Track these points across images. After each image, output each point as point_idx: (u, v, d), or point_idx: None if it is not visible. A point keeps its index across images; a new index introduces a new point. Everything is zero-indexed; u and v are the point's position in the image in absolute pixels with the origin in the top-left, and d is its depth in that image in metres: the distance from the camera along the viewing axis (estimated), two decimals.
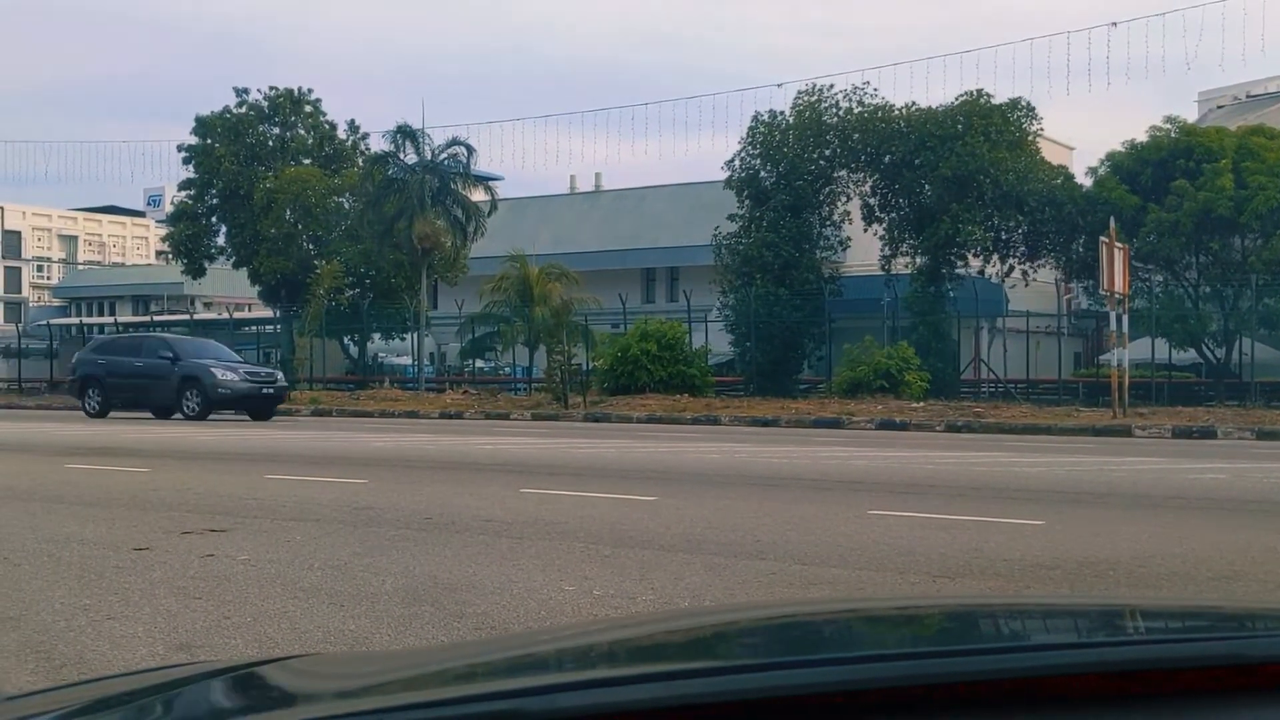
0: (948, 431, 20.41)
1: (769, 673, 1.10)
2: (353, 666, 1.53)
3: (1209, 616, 1.60)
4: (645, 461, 13.63)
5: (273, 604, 5.67)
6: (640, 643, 1.46)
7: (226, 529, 8.02)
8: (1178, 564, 6.56)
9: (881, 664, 1.14)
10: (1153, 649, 1.22)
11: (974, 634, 1.51)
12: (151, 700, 1.26)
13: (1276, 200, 26.86)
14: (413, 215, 33.91)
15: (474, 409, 26.51)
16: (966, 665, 1.09)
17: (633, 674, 1.19)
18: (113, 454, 14.81)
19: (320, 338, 37.14)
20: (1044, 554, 6.80)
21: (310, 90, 41.94)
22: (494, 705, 1.03)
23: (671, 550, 7.08)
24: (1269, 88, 48.56)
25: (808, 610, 1.88)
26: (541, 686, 1.09)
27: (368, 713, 1.06)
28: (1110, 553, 6.82)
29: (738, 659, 1.37)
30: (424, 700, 1.09)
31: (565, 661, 1.35)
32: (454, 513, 8.74)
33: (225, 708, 1.27)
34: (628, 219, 44.47)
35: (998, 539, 7.41)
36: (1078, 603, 2.32)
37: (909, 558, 6.82)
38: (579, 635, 1.70)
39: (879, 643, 1.48)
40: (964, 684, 1.05)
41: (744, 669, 1.15)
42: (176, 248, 42.93)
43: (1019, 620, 1.60)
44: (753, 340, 31.64)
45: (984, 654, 1.16)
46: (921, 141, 30.36)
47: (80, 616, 5.46)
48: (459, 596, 5.77)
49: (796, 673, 1.08)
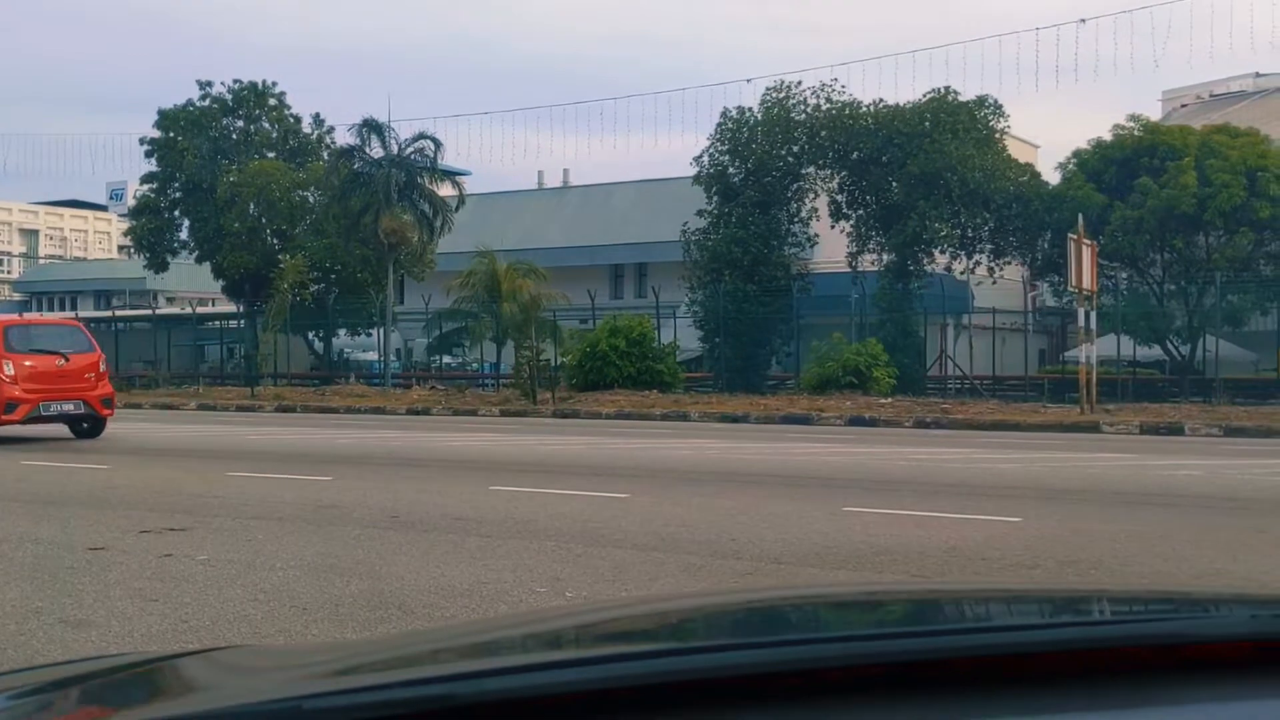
0: (916, 428, 20.38)
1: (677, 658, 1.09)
2: (276, 659, 1.49)
3: (1164, 600, 1.63)
4: (616, 458, 13.48)
5: (232, 607, 5.47)
6: (576, 630, 1.44)
7: (186, 528, 7.79)
8: (1159, 562, 6.48)
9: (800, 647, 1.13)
10: (1108, 629, 1.24)
11: (914, 618, 1.50)
12: (63, 691, 1.24)
13: (1240, 198, 27.03)
14: (379, 210, 33.51)
15: (441, 405, 26.25)
16: (911, 646, 1.09)
17: (560, 659, 1.17)
18: (73, 450, 14.49)
19: (285, 333, 36.67)
20: (1024, 553, 6.70)
21: (275, 83, 41.38)
22: (415, 691, 0.99)
23: (645, 549, 6.93)
24: (1231, 87, 48.97)
25: (754, 597, 1.92)
26: (469, 672, 1.07)
27: (279, 700, 1.02)
28: (1091, 551, 6.73)
29: (657, 643, 1.34)
30: (339, 688, 1.06)
31: (501, 648, 1.33)
32: (421, 511, 8.56)
33: (137, 698, 1.25)
34: (596, 215, 44.25)
35: (975, 537, 7.31)
36: (1018, 589, 2.31)
37: (886, 556, 6.70)
38: (518, 624, 1.69)
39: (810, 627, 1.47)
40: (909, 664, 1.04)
41: (651, 654, 1.14)
42: (139, 242, 42.24)
43: (971, 605, 1.60)
44: (721, 336, 31.54)
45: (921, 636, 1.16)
46: (889, 139, 30.33)
47: (31, 620, 5.25)
48: (427, 599, 5.59)
49: (726, 655, 1.08)
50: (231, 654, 1.48)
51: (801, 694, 1.01)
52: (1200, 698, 1.04)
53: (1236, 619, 1.27)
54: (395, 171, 34.00)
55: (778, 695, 1.00)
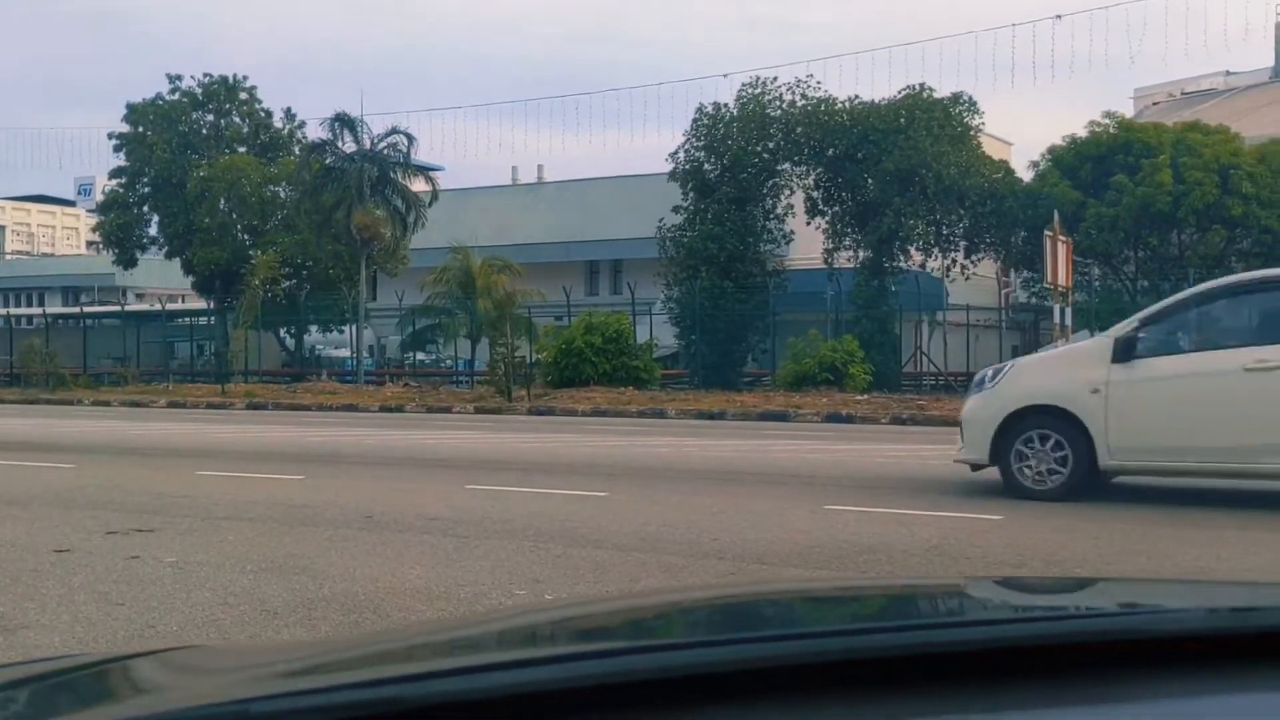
0: (893, 424, 20.36)
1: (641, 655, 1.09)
2: (229, 659, 1.48)
3: (1126, 595, 1.68)
4: (594, 456, 13.34)
5: (201, 611, 5.31)
6: (531, 630, 1.44)
7: (154, 529, 7.61)
8: (1143, 560, 6.42)
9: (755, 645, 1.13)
10: (1072, 624, 1.26)
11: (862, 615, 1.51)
12: (4, 694, 1.22)
13: (1213, 195, 27.17)
14: (351, 205, 33.22)
15: (415, 402, 26.04)
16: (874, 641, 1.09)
17: (508, 659, 1.16)
18: (37, 449, 14.24)
19: (256, 330, 36.29)
20: (1007, 551, 6.62)
21: (245, 78, 41.00)
22: (364, 694, 0.98)
23: (626, 550, 6.80)
24: (1202, 85, 49.25)
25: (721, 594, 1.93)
26: (419, 674, 1.06)
27: (227, 703, 1.02)
28: (1075, 550, 6.66)
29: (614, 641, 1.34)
30: (288, 690, 1.05)
31: (457, 648, 1.32)
32: (396, 511, 8.40)
33: (81, 701, 1.23)
34: (571, 211, 44.02)
35: (958, 535, 7.23)
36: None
37: (870, 555, 6.61)
38: (479, 624, 1.67)
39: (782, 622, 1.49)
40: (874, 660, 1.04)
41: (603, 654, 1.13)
42: (107, 238, 41.69)
43: (943, 600, 1.62)
44: (698, 333, 31.45)
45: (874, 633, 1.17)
46: (864, 135, 30.30)
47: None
48: (403, 602, 5.45)
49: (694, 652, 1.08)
50: (185, 654, 1.46)
51: (762, 691, 1.01)
52: (1159, 693, 1.05)
53: (1193, 616, 1.28)
54: (368, 166, 33.73)
55: (738, 692, 1.00)
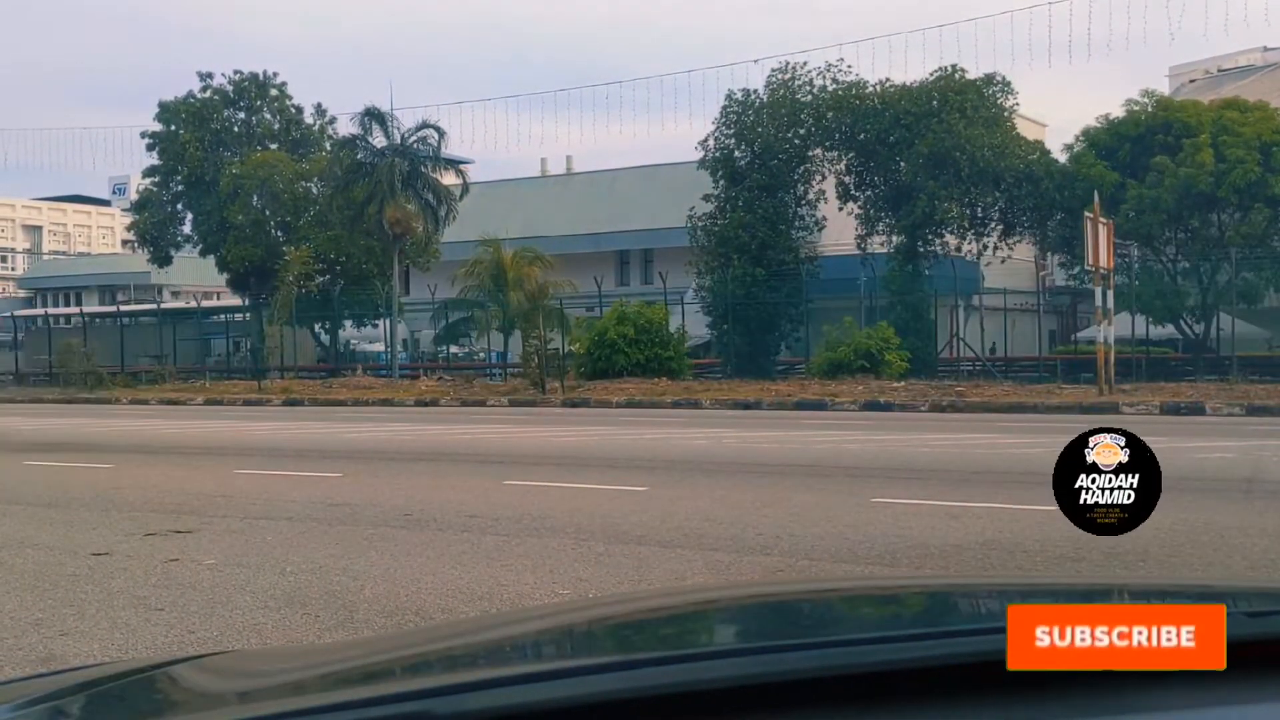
0: (933, 411, 20.10)
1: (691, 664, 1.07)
2: (268, 663, 1.48)
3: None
4: (631, 449, 13.20)
5: (241, 615, 5.21)
6: (567, 636, 1.41)
7: (192, 530, 7.54)
8: (1209, 552, 6.21)
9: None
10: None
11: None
12: (65, 701, 1.23)
13: (1255, 174, 26.62)
14: (383, 200, 33.23)
15: (449, 396, 26.00)
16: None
17: (543, 670, 1.15)
18: (75, 449, 14.26)
19: (291, 326, 36.36)
20: (1065, 544, 6.41)
21: (276, 74, 41.00)
22: (396, 708, 0.98)
23: (669, 546, 6.66)
24: (1239, 61, 48.39)
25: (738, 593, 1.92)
26: (448, 686, 1.05)
27: (271, 716, 1.03)
28: (1137, 542, 6.43)
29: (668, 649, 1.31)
30: (319, 705, 1.05)
31: (486, 656, 1.30)
32: (435, 508, 8.29)
33: (135, 709, 1.24)
34: (600, 201, 43.86)
35: (1013, 527, 7.04)
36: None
37: (921, 550, 6.43)
38: (510, 624, 1.65)
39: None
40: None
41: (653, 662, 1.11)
42: (142, 236, 41.91)
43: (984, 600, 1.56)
44: (730, 322, 31.23)
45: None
46: (896, 119, 29.92)
47: (31, 633, 5.00)
48: (444, 604, 5.33)
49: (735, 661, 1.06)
50: (222, 660, 1.48)
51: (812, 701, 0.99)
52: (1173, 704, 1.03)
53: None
54: (398, 161, 33.71)
55: (775, 702, 0.98)
